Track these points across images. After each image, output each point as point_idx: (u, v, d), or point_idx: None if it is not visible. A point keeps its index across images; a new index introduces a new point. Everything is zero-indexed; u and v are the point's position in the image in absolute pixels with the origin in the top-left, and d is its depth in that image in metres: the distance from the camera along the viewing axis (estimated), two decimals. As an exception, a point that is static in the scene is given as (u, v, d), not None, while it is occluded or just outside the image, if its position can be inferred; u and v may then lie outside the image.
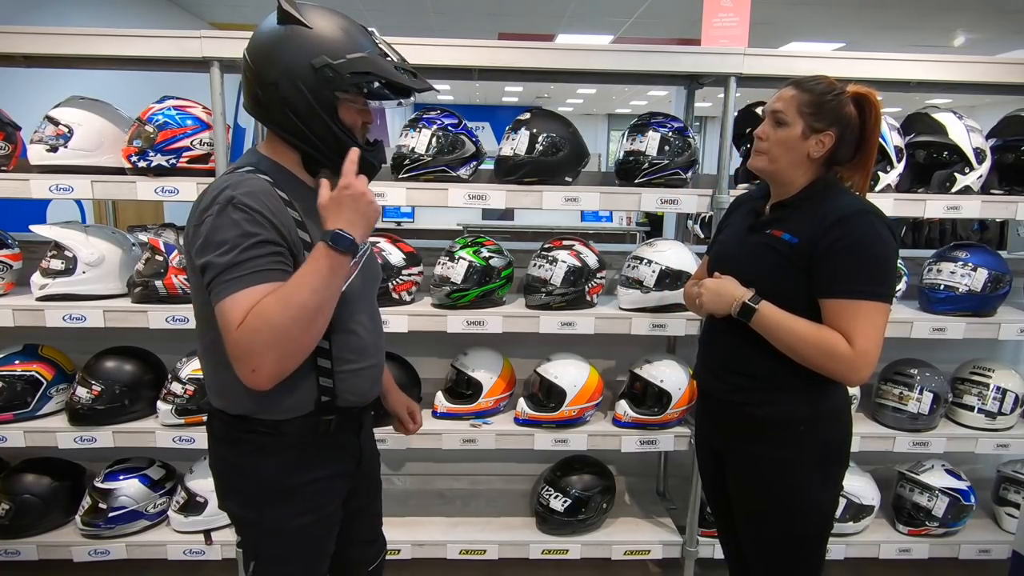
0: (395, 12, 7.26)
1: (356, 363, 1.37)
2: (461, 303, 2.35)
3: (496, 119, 14.67)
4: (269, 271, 1.18)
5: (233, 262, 1.16)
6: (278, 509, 1.37)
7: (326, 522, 1.44)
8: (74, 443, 2.28)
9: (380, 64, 1.26)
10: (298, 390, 1.30)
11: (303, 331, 1.18)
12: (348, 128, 1.30)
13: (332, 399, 1.35)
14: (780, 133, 1.55)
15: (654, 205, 2.28)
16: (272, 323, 1.14)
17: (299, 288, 1.16)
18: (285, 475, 1.35)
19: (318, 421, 1.35)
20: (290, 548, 1.40)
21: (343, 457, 1.45)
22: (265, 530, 1.39)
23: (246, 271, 1.16)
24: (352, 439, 1.47)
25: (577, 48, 2.55)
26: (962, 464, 2.68)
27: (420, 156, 2.26)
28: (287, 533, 1.38)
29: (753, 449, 1.63)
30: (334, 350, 1.32)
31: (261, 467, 1.35)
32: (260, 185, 1.23)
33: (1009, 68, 2.26)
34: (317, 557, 1.45)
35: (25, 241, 2.48)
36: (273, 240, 1.20)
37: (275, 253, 1.20)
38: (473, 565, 2.56)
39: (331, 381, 1.33)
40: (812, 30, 7.54)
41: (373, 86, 1.27)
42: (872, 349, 1.46)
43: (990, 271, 2.37)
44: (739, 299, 1.55)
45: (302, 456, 1.36)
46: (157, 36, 2.07)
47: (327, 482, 1.41)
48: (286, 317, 1.14)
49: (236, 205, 1.18)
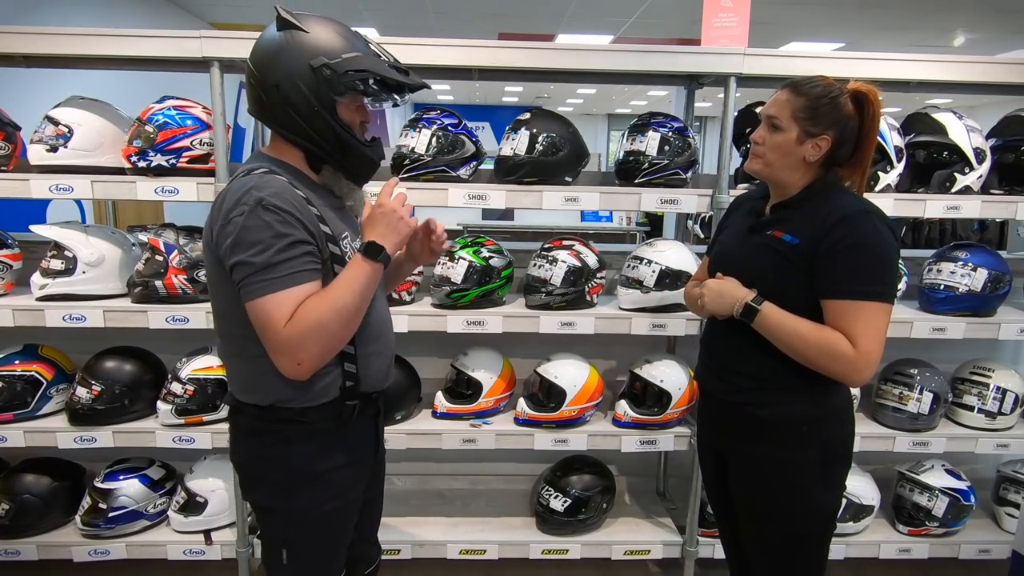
0: (395, 12, 7.26)
1: (374, 347, 1.45)
2: (461, 303, 2.36)
3: (496, 119, 14.67)
4: (305, 272, 1.28)
5: (269, 262, 1.24)
6: (306, 496, 1.43)
7: (350, 508, 1.52)
8: (74, 443, 2.28)
9: (374, 62, 1.34)
10: (328, 376, 1.38)
11: (344, 328, 1.31)
12: (347, 126, 1.37)
13: (356, 384, 1.42)
14: (775, 138, 1.55)
15: (654, 205, 2.28)
16: (321, 322, 1.26)
17: (343, 291, 1.29)
18: (312, 462, 1.42)
19: (342, 407, 1.42)
20: (318, 534, 1.46)
21: (364, 443, 1.52)
22: (294, 518, 1.45)
23: (284, 272, 1.25)
24: (370, 426, 1.53)
25: (577, 48, 2.55)
26: (962, 464, 2.68)
27: (420, 156, 2.26)
28: (315, 519, 1.45)
29: (756, 450, 1.63)
30: (356, 336, 1.39)
31: (289, 455, 1.41)
32: (283, 185, 1.30)
33: (1009, 68, 2.26)
34: (342, 543, 1.52)
35: (25, 241, 2.48)
36: (304, 240, 1.28)
37: (308, 253, 1.29)
38: (473, 565, 2.56)
39: (355, 366, 1.41)
40: (812, 30, 7.54)
41: (369, 83, 1.33)
42: (874, 349, 1.46)
43: (990, 271, 2.37)
44: (741, 300, 1.55)
45: (327, 443, 1.43)
46: (157, 36, 2.08)
47: (350, 468, 1.48)
48: (332, 317, 1.27)
49: (265, 206, 1.24)
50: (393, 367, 1.57)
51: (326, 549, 1.49)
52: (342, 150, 1.38)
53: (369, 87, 1.33)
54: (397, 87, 1.36)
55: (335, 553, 1.52)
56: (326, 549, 1.49)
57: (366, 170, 1.45)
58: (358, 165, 1.43)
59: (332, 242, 1.35)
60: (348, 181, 1.45)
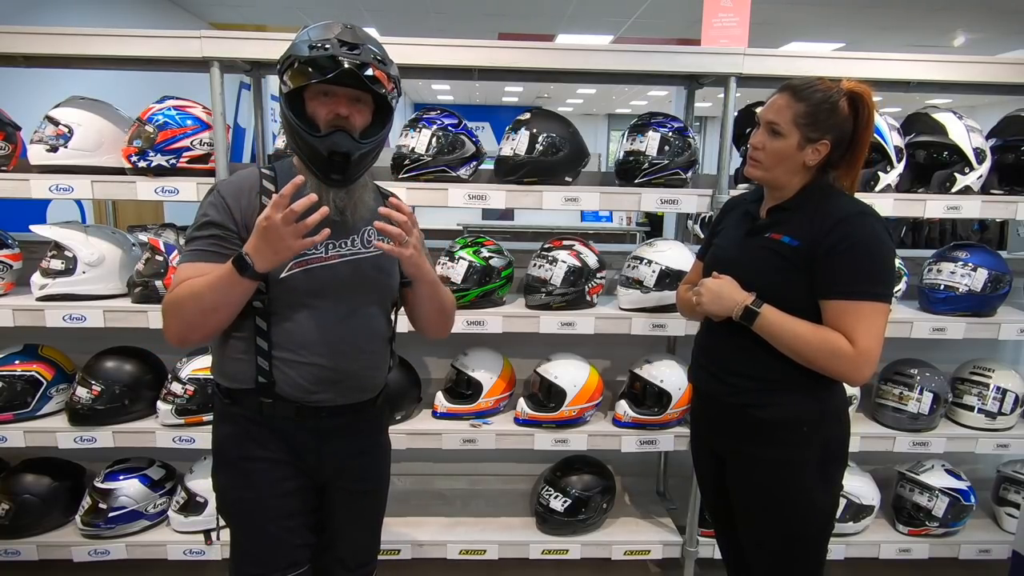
0: (395, 12, 7.26)
1: (295, 355, 1.42)
2: (461, 303, 2.35)
3: (496, 119, 14.67)
4: (207, 252, 1.37)
5: (189, 236, 1.41)
6: (219, 476, 1.52)
7: (270, 506, 1.47)
8: (74, 443, 2.28)
9: (296, 49, 1.33)
10: (238, 363, 1.43)
11: (201, 316, 1.34)
12: (310, 118, 1.35)
13: (269, 383, 1.42)
14: (776, 144, 1.55)
15: (654, 205, 2.28)
16: (179, 301, 1.34)
17: (204, 284, 1.32)
18: (229, 445, 1.49)
19: (260, 402, 1.44)
20: (235, 519, 1.51)
21: (289, 448, 1.47)
22: (218, 494, 1.54)
23: (192, 248, 1.39)
24: (304, 436, 1.47)
25: (577, 48, 2.55)
26: (962, 464, 2.68)
27: (420, 156, 2.26)
28: (228, 503, 1.52)
29: (757, 451, 1.63)
30: (272, 334, 1.41)
31: (218, 432, 1.52)
32: (245, 175, 1.46)
33: (1009, 68, 2.26)
34: (263, 538, 1.48)
35: (25, 241, 2.48)
36: (218, 223, 1.38)
37: (215, 236, 1.38)
38: (473, 565, 2.56)
39: (267, 364, 1.41)
40: (812, 30, 7.53)
41: (294, 67, 1.32)
42: (874, 348, 1.47)
43: (990, 271, 2.37)
44: (741, 303, 1.55)
45: (245, 431, 1.46)
46: (157, 36, 2.08)
47: (266, 464, 1.46)
48: (189, 302, 1.33)
49: (215, 191, 1.43)
50: (331, 387, 1.45)
51: (250, 539, 1.49)
52: (293, 139, 1.37)
53: (295, 70, 1.31)
54: (310, 63, 1.30)
55: (262, 546, 1.48)
56: (250, 539, 1.49)
57: (319, 162, 1.35)
58: (308, 156, 1.36)
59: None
60: (315, 179, 1.38)
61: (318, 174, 1.37)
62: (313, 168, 1.37)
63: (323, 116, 1.34)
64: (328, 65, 1.29)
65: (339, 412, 1.48)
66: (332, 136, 1.33)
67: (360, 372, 1.49)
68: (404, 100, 17.38)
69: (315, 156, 1.35)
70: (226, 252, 1.35)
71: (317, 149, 1.33)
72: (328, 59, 1.29)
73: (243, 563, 1.51)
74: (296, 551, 1.51)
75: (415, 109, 3.07)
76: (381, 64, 1.34)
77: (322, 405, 1.45)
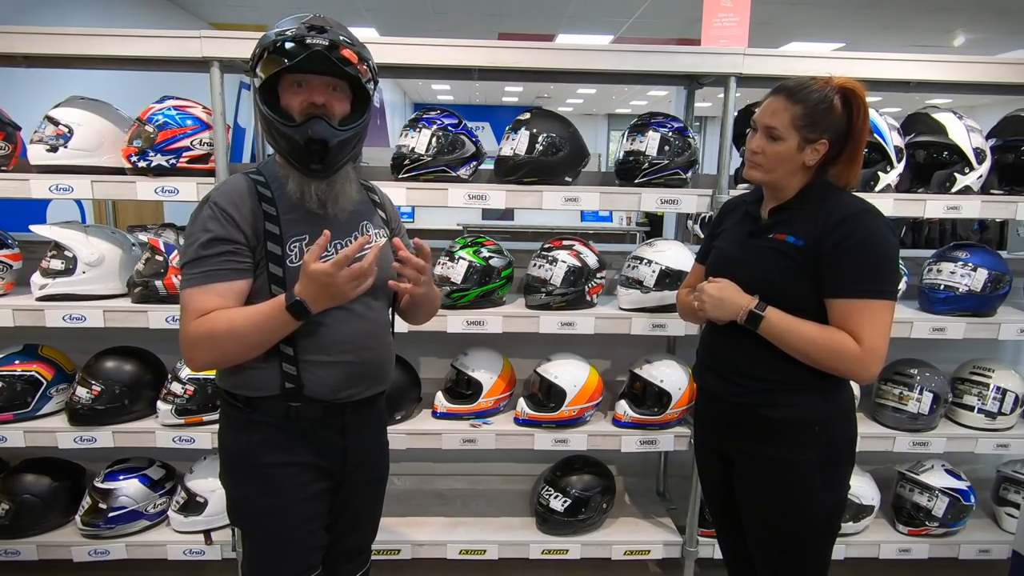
0: (395, 12, 7.26)
1: (323, 356, 1.41)
2: (461, 303, 2.35)
3: (496, 119, 14.67)
4: (223, 271, 1.33)
5: (193, 257, 1.34)
6: (244, 486, 1.48)
7: (294, 511, 1.46)
8: (74, 443, 2.28)
9: (265, 39, 1.32)
10: (262, 371, 1.40)
11: (240, 350, 1.35)
12: (283, 109, 1.34)
13: (297, 387, 1.40)
14: (775, 147, 1.54)
15: (654, 205, 2.28)
16: (215, 337, 1.32)
17: (248, 322, 1.32)
18: (252, 453, 1.45)
19: (287, 407, 1.42)
20: (260, 528, 1.48)
21: (316, 450, 1.47)
22: (237, 505, 1.50)
23: (201, 269, 1.33)
24: (330, 434, 1.48)
25: (577, 48, 2.55)
26: (962, 464, 2.68)
27: (420, 156, 2.26)
28: (252, 511, 1.48)
29: (766, 452, 1.62)
30: (298, 340, 1.39)
31: (235, 442, 1.48)
32: (237, 182, 1.39)
33: (1009, 68, 2.26)
34: (292, 545, 1.47)
35: (25, 241, 2.48)
36: (226, 238, 1.33)
37: (227, 252, 1.33)
38: (473, 565, 2.56)
39: (295, 369, 1.40)
40: (812, 30, 7.54)
41: (264, 57, 1.31)
42: (881, 346, 1.47)
43: (990, 271, 2.37)
44: (745, 307, 1.54)
45: (269, 438, 1.43)
46: (157, 36, 2.07)
47: (292, 468, 1.45)
48: (227, 337, 1.32)
49: (209, 203, 1.36)
50: (361, 381, 1.48)
51: (273, 546, 1.47)
52: (271, 134, 1.35)
53: (263, 59, 1.31)
54: (278, 50, 1.29)
55: (285, 552, 1.47)
56: (273, 546, 1.47)
57: (297, 153, 1.34)
58: (287, 148, 1.35)
59: (274, 241, 1.36)
60: (297, 173, 1.38)
61: (298, 166, 1.36)
62: (292, 160, 1.37)
63: (297, 106, 1.33)
64: (297, 50, 1.28)
65: (361, 405, 1.51)
66: (308, 124, 1.32)
67: (381, 363, 1.53)
68: (404, 100, 17.38)
69: (293, 147, 1.33)
70: (240, 267, 1.35)
71: (294, 139, 1.32)
72: (297, 43, 1.28)
73: (263, 570, 1.50)
74: (314, 553, 1.52)
75: (415, 109, 3.07)
76: (351, 45, 1.33)
77: (348, 400, 1.48)
